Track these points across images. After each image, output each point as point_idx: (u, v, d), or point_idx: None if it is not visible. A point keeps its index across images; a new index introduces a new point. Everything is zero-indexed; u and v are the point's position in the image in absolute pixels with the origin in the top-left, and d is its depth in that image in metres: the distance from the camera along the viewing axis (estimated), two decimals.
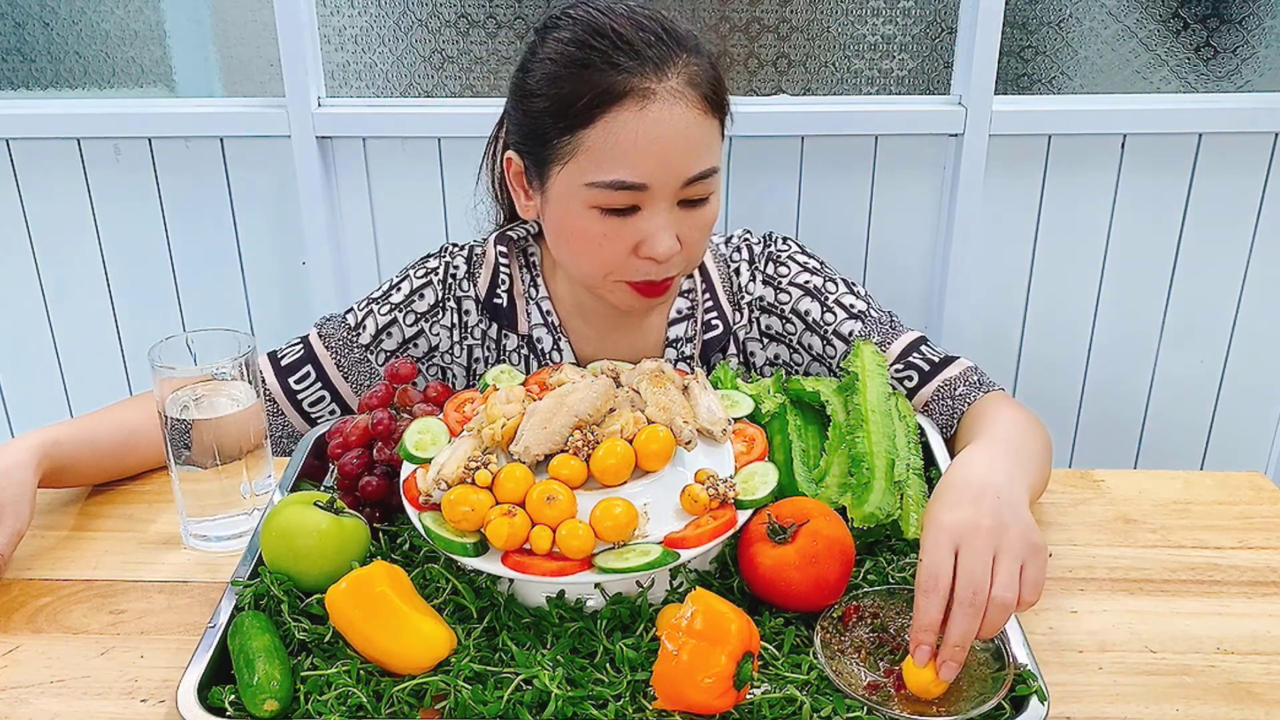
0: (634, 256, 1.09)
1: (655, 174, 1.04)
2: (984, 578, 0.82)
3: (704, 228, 1.11)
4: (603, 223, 1.07)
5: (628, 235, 1.08)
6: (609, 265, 1.10)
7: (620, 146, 1.03)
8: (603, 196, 1.05)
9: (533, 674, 0.82)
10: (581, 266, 1.13)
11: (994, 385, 1.18)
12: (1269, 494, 1.15)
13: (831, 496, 1.00)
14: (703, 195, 1.09)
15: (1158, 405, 1.97)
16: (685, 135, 1.05)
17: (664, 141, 1.04)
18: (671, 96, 1.04)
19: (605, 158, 1.04)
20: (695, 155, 1.06)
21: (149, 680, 0.90)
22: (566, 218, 1.09)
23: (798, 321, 1.22)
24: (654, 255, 1.07)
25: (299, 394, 1.22)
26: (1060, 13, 1.75)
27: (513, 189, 1.17)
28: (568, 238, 1.11)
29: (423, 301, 1.24)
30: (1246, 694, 0.88)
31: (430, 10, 1.75)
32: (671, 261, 1.09)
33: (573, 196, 1.07)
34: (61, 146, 1.81)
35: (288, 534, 0.92)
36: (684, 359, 1.23)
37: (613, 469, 0.90)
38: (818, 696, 0.82)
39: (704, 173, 1.07)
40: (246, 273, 1.90)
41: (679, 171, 1.05)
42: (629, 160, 1.04)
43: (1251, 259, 1.86)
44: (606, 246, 1.08)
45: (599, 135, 1.04)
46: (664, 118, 1.03)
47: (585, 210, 1.07)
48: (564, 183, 1.08)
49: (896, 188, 1.81)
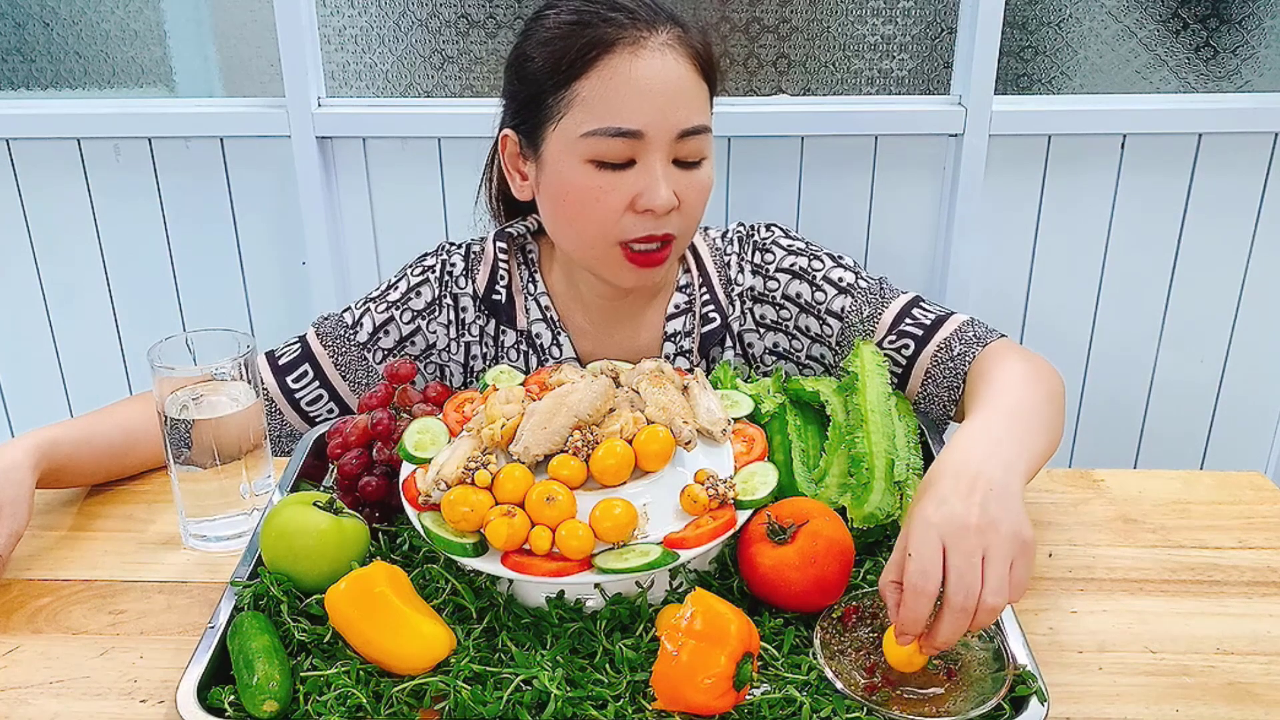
0: (631, 213, 1.09)
1: (650, 120, 1.06)
2: (975, 582, 0.79)
3: (700, 190, 1.12)
4: (599, 177, 1.08)
5: (624, 189, 1.08)
6: (606, 224, 1.10)
7: (615, 92, 1.06)
8: (599, 146, 1.07)
9: (532, 674, 0.82)
10: (579, 230, 1.12)
11: (992, 335, 1.14)
12: (1269, 494, 1.15)
13: (831, 496, 1.00)
14: (696, 156, 1.10)
15: (1158, 405, 1.97)
16: (678, 84, 1.08)
17: (657, 86, 1.07)
18: (663, 47, 1.08)
19: (600, 105, 1.06)
20: (688, 106, 1.08)
21: (148, 680, 0.90)
22: (563, 178, 1.10)
23: (790, 306, 1.22)
24: (652, 206, 1.08)
25: (297, 393, 1.22)
26: (1060, 13, 1.75)
27: (509, 173, 1.18)
28: (565, 199, 1.11)
29: (419, 299, 1.24)
30: (1246, 694, 0.87)
31: (430, 10, 1.75)
32: (669, 219, 1.10)
33: (569, 154, 1.09)
34: (61, 146, 1.81)
35: (287, 534, 0.92)
36: (682, 353, 1.22)
37: (612, 469, 0.90)
38: (817, 697, 0.82)
39: (697, 127, 1.09)
40: (246, 273, 1.90)
41: (673, 120, 1.07)
42: (624, 105, 1.06)
43: (1251, 259, 1.86)
44: (604, 202, 1.09)
45: (593, 84, 1.06)
46: (656, 64, 1.07)
47: (581, 165, 1.08)
48: (560, 140, 1.09)
49: (896, 188, 1.81)
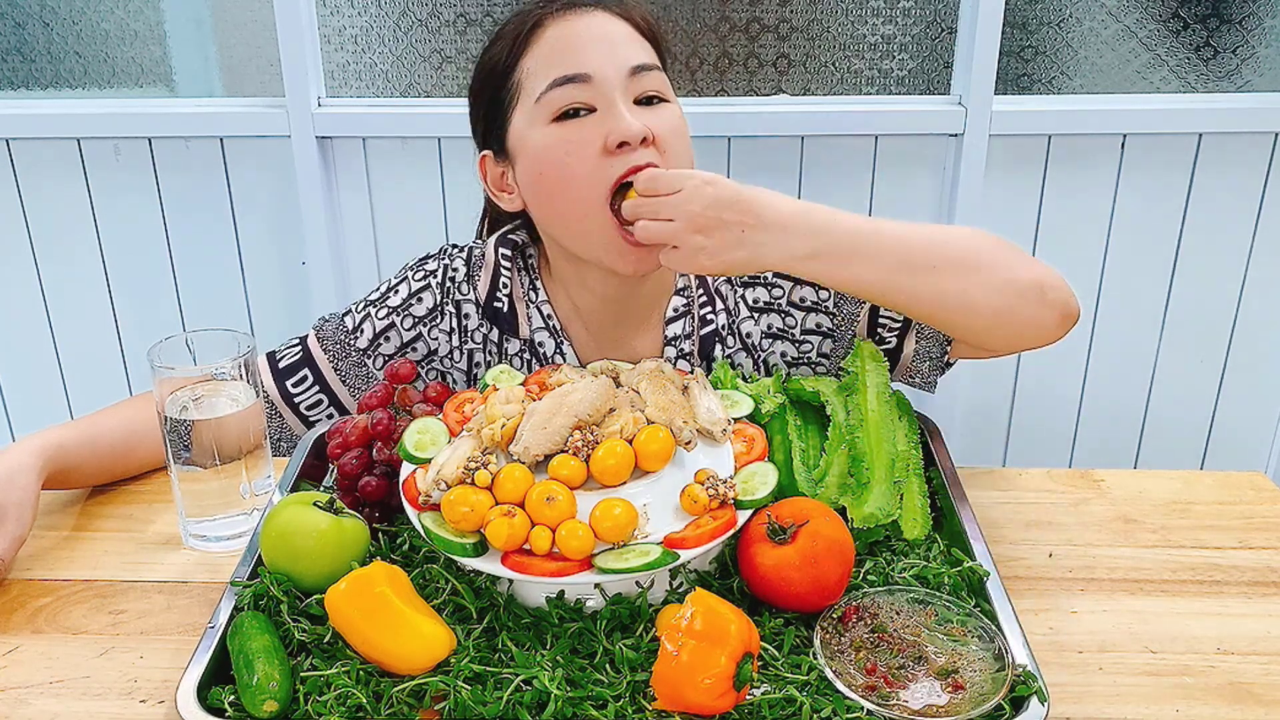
0: (608, 155, 1.07)
1: (594, 63, 1.08)
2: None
3: (670, 128, 1.10)
4: (564, 129, 1.08)
5: (591, 134, 1.07)
6: (586, 175, 1.07)
7: (556, 51, 1.09)
8: (555, 99, 1.08)
9: (532, 674, 0.82)
10: (567, 198, 1.10)
11: None
12: (1269, 494, 1.15)
13: (831, 496, 1.00)
14: (656, 91, 1.10)
15: (1158, 405, 1.97)
16: (618, 34, 1.11)
17: (595, 36, 1.09)
18: (598, 11, 1.11)
19: (545, 65, 1.09)
20: (631, 47, 1.10)
21: (149, 681, 0.90)
22: (535, 151, 1.10)
23: (796, 312, 1.22)
24: (624, 136, 1.05)
25: (296, 397, 1.22)
26: (1060, 13, 1.75)
27: (494, 195, 1.18)
28: (543, 174, 1.10)
29: (421, 305, 1.23)
30: (1246, 694, 0.87)
31: (430, 10, 1.75)
32: (647, 153, 1.07)
33: (533, 125, 1.09)
34: (61, 146, 1.81)
35: (287, 534, 0.92)
36: (683, 355, 1.22)
37: (612, 469, 0.90)
38: (817, 697, 0.82)
39: (645, 64, 1.09)
40: (246, 273, 1.90)
41: (619, 59, 1.08)
42: (567, 56, 1.08)
43: (1251, 259, 1.86)
44: (576, 154, 1.07)
45: (536, 54, 1.10)
46: (592, 22, 1.10)
47: (546, 129, 1.09)
48: (522, 119, 1.11)
49: (896, 188, 1.81)
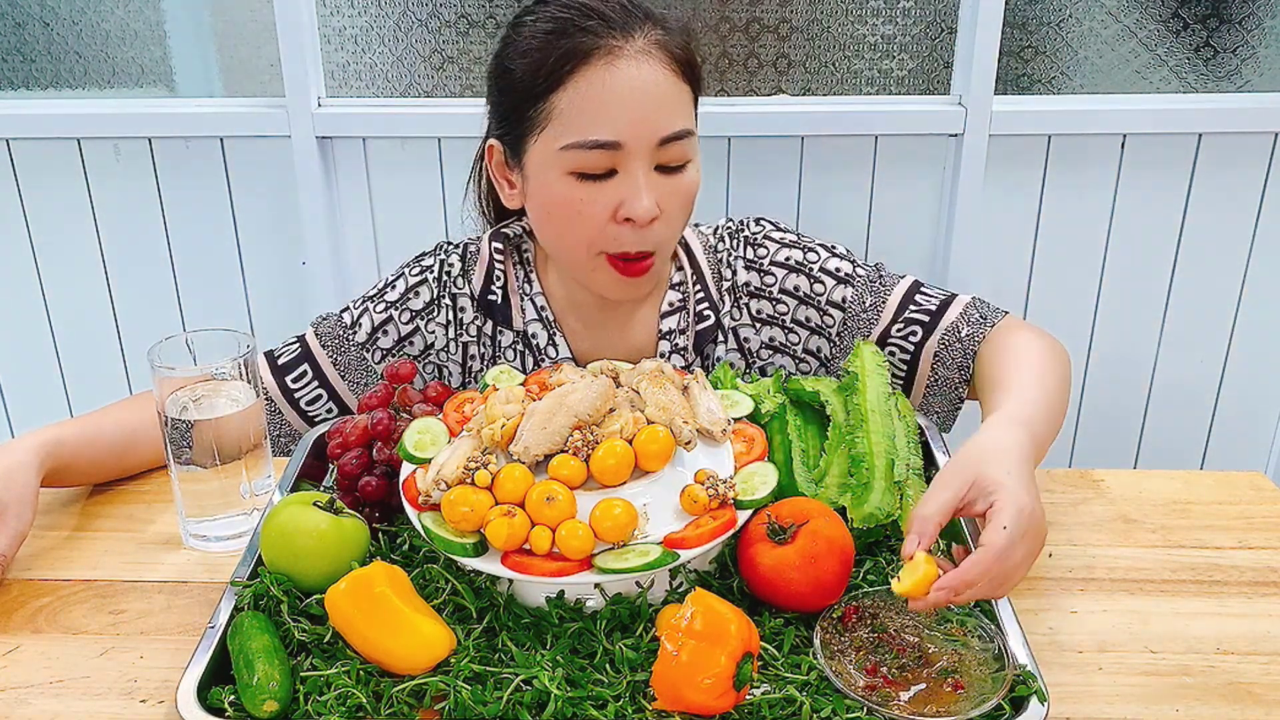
0: (614, 223, 1.09)
1: (628, 130, 1.06)
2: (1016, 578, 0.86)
3: (683, 196, 1.11)
4: (581, 188, 1.08)
5: (606, 199, 1.08)
6: (590, 235, 1.10)
7: (591, 105, 1.05)
8: (578, 159, 1.07)
9: (532, 674, 0.82)
10: (565, 241, 1.13)
11: (999, 315, 1.18)
12: (1269, 494, 1.15)
13: (831, 496, 1.00)
14: (679, 161, 1.10)
15: (1158, 405, 1.97)
16: (656, 92, 1.07)
17: (634, 96, 1.06)
18: (639, 54, 1.06)
19: (577, 118, 1.06)
20: (667, 112, 1.08)
21: (149, 680, 0.90)
22: (546, 189, 1.10)
23: (788, 300, 1.22)
24: (633, 215, 1.07)
25: (296, 393, 1.22)
26: (1060, 13, 1.75)
27: (496, 182, 1.18)
28: (549, 211, 1.12)
29: (418, 299, 1.24)
30: (1246, 694, 0.87)
31: (430, 10, 1.75)
32: (652, 229, 1.09)
33: (550, 166, 1.09)
34: (61, 146, 1.81)
35: (287, 534, 0.92)
36: (677, 350, 1.22)
37: (612, 469, 0.90)
38: (817, 697, 0.82)
39: (678, 133, 1.08)
40: (246, 273, 1.90)
41: (652, 128, 1.06)
42: (600, 118, 1.05)
43: (1251, 259, 1.86)
44: (585, 213, 1.09)
45: (569, 96, 1.06)
46: (632, 73, 1.06)
47: (563, 178, 1.08)
48: (540, 152, 1.09)
49: (896, 188, 1.81)
